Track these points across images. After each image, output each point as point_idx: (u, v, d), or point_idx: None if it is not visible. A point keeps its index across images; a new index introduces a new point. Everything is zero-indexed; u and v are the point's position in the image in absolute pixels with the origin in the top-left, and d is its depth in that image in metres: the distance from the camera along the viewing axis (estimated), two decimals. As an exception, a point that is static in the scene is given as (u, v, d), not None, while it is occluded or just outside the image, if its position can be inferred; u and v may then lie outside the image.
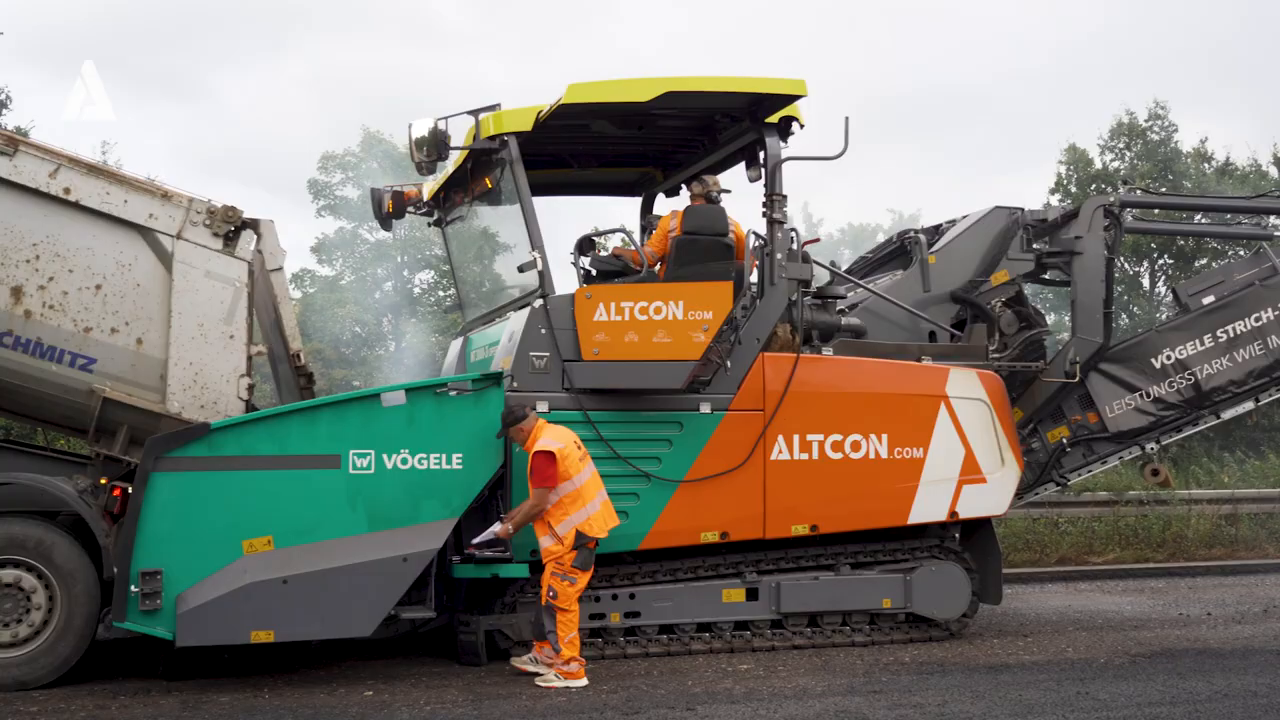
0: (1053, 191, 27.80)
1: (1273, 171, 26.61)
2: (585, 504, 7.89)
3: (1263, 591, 12.75)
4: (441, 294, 28.53)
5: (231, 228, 7.92)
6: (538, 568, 8.26)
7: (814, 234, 30.54)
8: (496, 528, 7.95)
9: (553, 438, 7.87)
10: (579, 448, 7.99)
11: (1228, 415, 10.35)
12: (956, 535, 9.71)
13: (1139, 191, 11.08)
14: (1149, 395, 10.17)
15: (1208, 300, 10.26)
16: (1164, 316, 21.32)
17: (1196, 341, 10.14)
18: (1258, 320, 10.06)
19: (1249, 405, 10.25)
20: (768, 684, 7.86)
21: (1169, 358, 10.16)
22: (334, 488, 7.76)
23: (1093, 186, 26.53)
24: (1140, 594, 12.62)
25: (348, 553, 7.70)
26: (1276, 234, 10.67)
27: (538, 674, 7.91)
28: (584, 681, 7.79)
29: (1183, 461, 20.45)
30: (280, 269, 8.74)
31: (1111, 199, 10.28)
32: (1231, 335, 10.07)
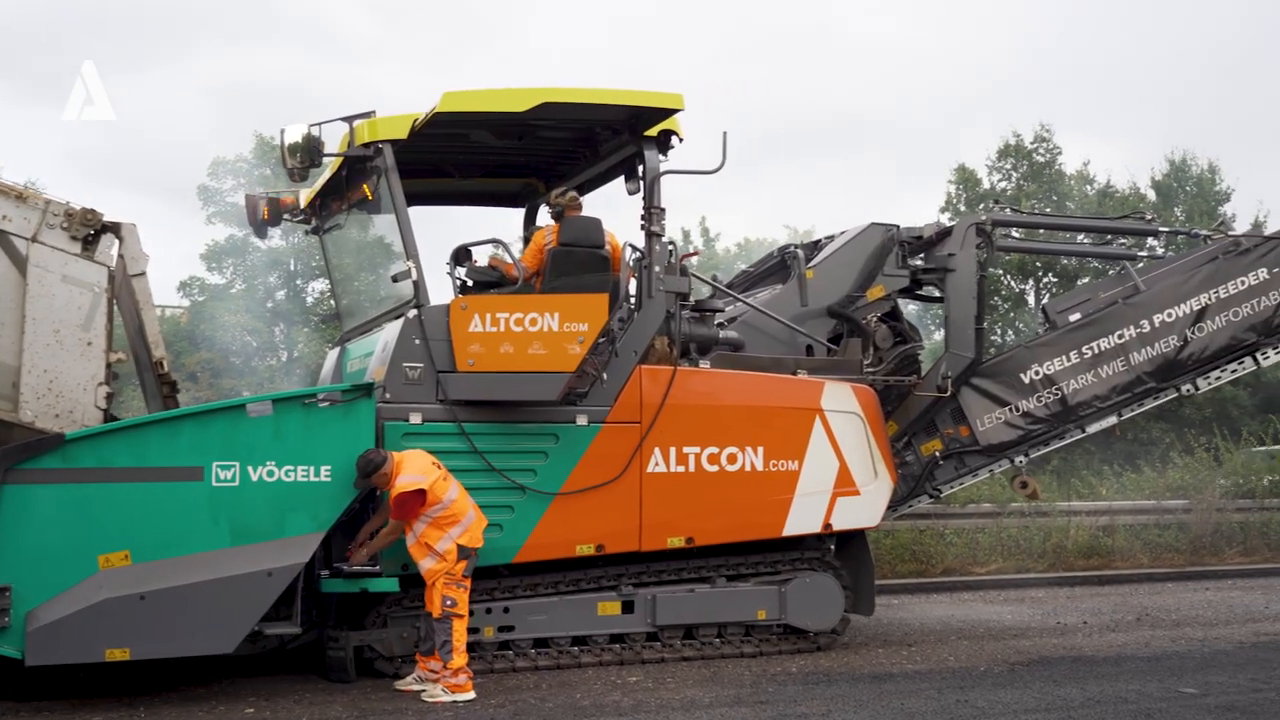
0: (943, 210, 28.45)
1: (1151, 195, 27.57)
2: (461, 519, 7.85)
3: (1136, 600, 13.14)
4: (358, 304, 27.97)
5: (91, 231, 7.68)
6: (408, 582, 8.16)
7: (710, 248, 30.76)
8: (355, 554, 7.99)
9: (414, 471, 7.77)
10: (439, 467, 7.93)
11: (1092, 429, 10.61)
12: (831, 547, 9.84)
13: (1009, 210, 11.32)
14: (1018, 409, 10.41)
15: (1074, 318, 10.55)
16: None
17: (1063, 358, 10.40)
18: (1120, 338, 10.36)
19: (1112, 420, 10.52)
20: (656, 696, 7.87)
21: (1037, 373, 10.42)
22: (196, 501, 7.56)
23: (981, 206, 27.18)
24: (1021, 603, 12.92)
25: (209, 568, 7.50)
26: (1140, 254, 11.00)
27: (422, 691, 7.82)
28: (471, 694, 7.73)
29: (1063, 474, 21.03)
30: (143, 274, 8.48)
31: (983, 218, 10.53)
32: (1096, 352, 10.37)
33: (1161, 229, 10.97)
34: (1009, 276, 26.55)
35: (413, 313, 8.36)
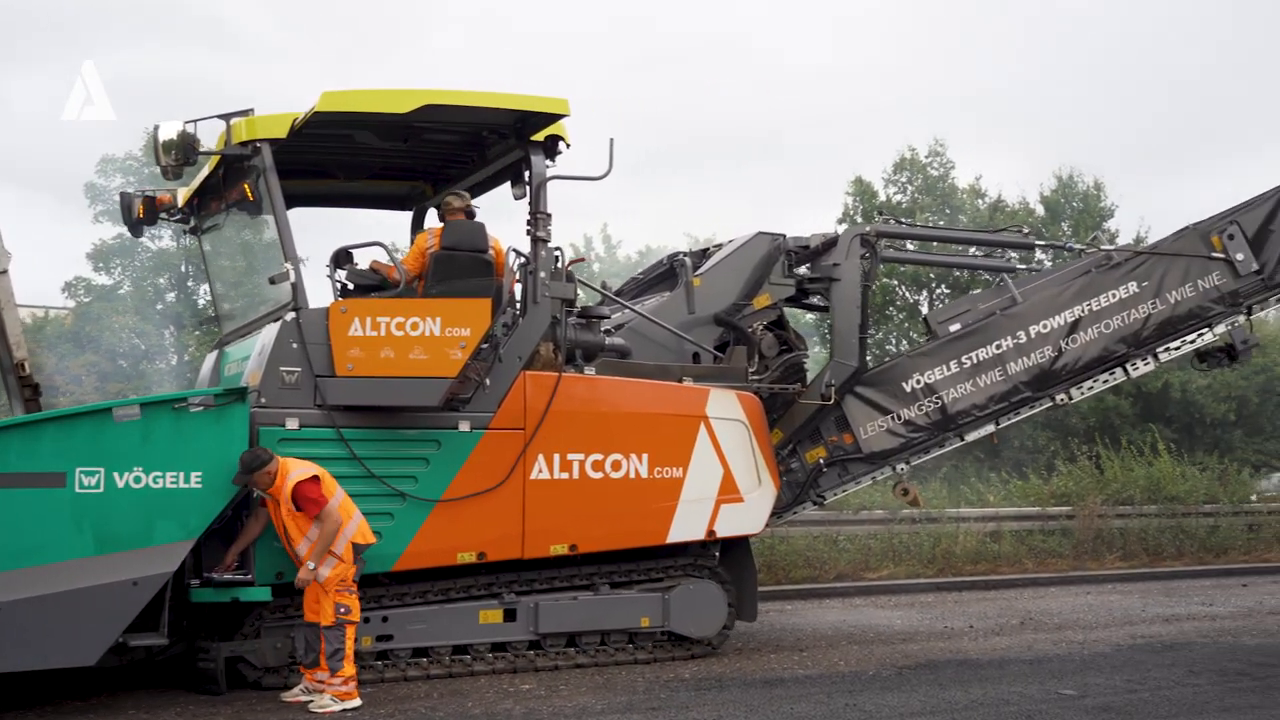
0: (840, 221, 28.83)
1: (1039, 210, 28.30)
2: (353, 516, 7.77)
3: (1021, 604, 13.43)
4: (237, 307, 27.31)
5: (-53, 228, 7.38)
6: (281, 591, 7.99)
7: (612, 255, 30.79)
8: (302, 574, 7.69)
9: (301, 466, 7.68)
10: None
11: (971, 437, 10.83)
12: (716, 554, 9.88)
13: (893, 222, 11.51)
14: (900, 418, 10.57)
15: (955, 328, 10.73)
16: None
17: (944, 367, 10.58)
18: (998, 348, 10.57)
19: (990, 428, 10.74)
20: (549, 703, 7.84)
21: (919, 382, 10.58)
22: (58, 508, 7.31)
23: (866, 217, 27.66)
24: (910, 608, 13.11)
25: (72, 577, 7.25)
26: (1019, 267, 11.26)
27: (309, 701, 7.67)
28: (358, 701, 7.63)
29: (953, 481, 21.46)
30: (5, 272, 8.19)
31: (868, 228, 10.68)
32: (975, 362, 10.56)
33: (1037, 242, 11.25)
34: (903, 287, 27.02)
35: (290, 316, 8.20)
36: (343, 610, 7.66)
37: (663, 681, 8.59)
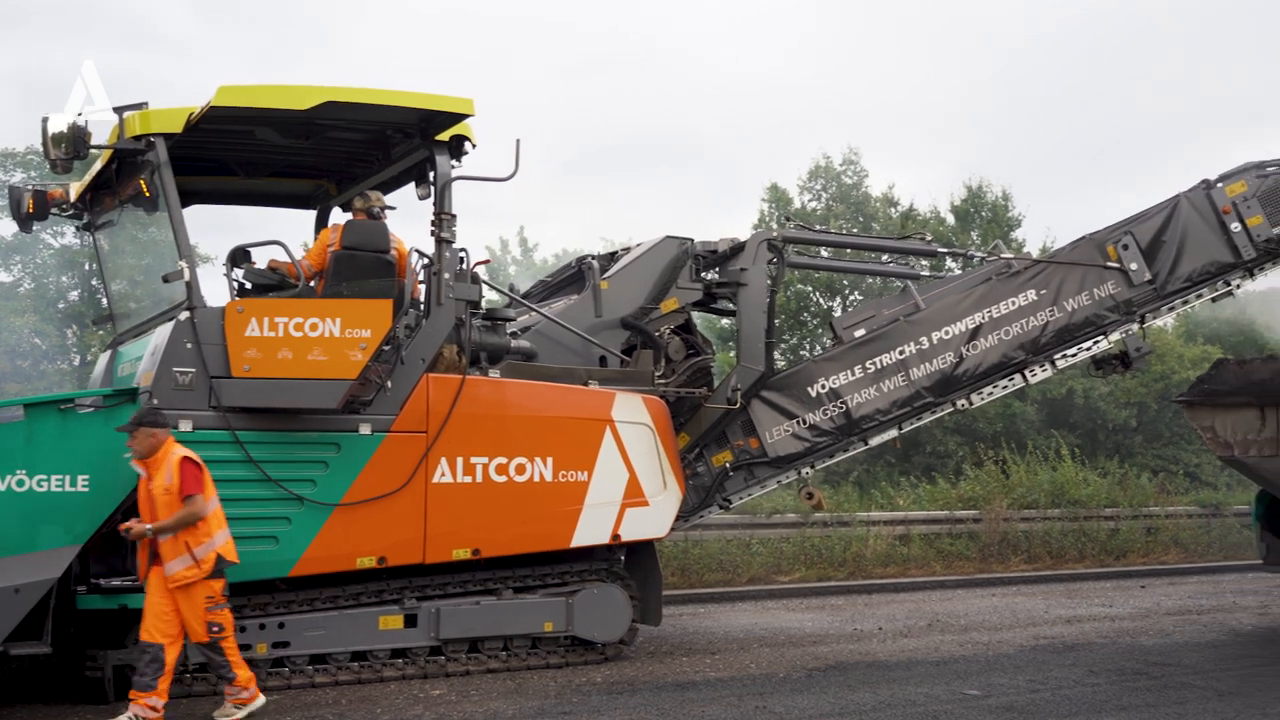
0: (755, 227, 29.05)
1: (950, 219, 28.78)
2: (224, 527, 7.50)
3: (929, 606, 13.60)
4: (133, 305, 26.65)
5: None
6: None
7: (529, 258, 30.63)
8: (136, 527, 7.21)
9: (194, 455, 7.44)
10: None
11: (874, 442, 10.94)
12: (621, 558, 9.86)
13: (799, 228, 11.60)
14: (805, 422, 10.65)
15: (859, 333, 10.84)
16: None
17: (848, 372, 10.68)
18: (901, 354, 10.70)
19: (893, 433, 10.86)
20: (459, 709, 7.76)
21: (824, 386, 10.67)
22: (-64, 512, 7.06)
23: (774, 222, 27.88)
24: (821, 610, 13.20)
25: (-52, 583, 7.02)
26: (924, 274, 11.41)
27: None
28: (263, 699, 7.49)
29: (865, 485, 21.70)
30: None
31: (775, 234, 10.75)
32: (878, 367, 10.68)
33: (939, 249, 11.41)
34: (817, 294, 27.25)
35: (185, 315, 8.01)
36: (216, 629, 7.28)
37: (574, 686, 8.56)
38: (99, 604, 7.67)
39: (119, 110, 8.14)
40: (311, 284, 8.62)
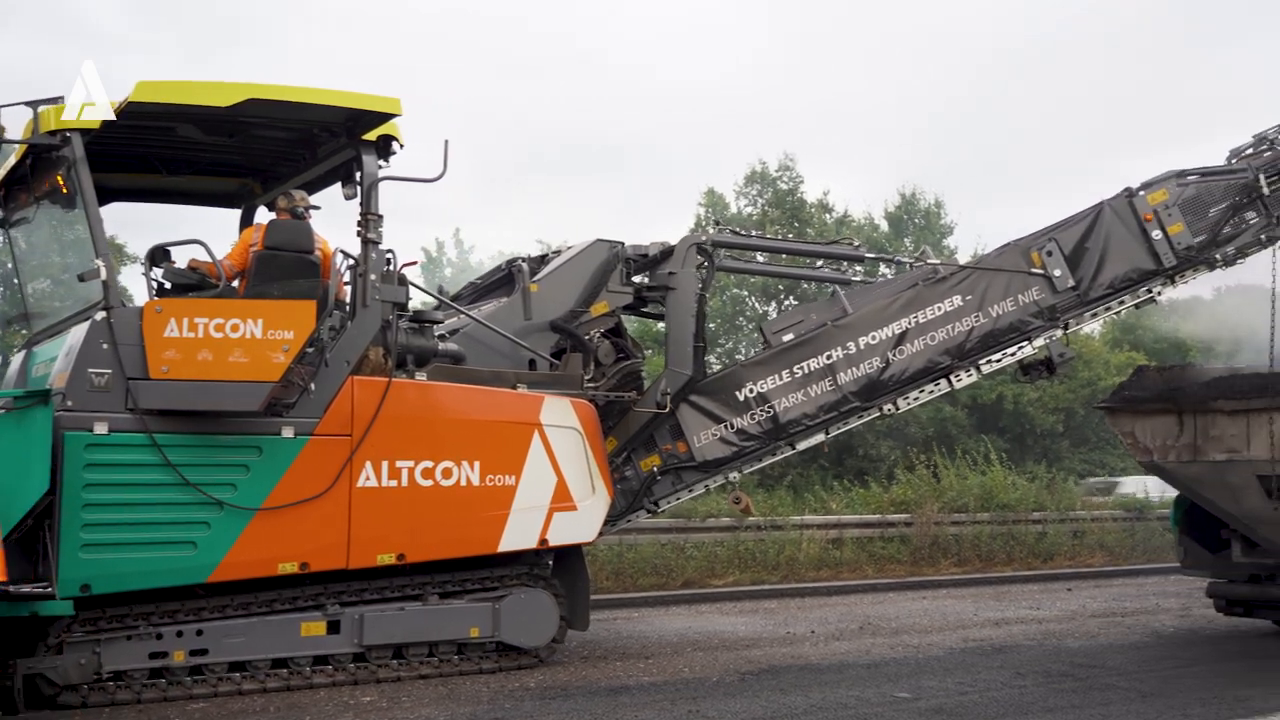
0: (692, 231, 29.15)
1: (883, 225, 29.12)
2: None
3: (861, 609, 13.68)
4: (49, 305, 26.04)
5: None
6: (84, 604, 7.60)
7: (465, 259, 30.47)
8: None
9: None
10: None
11: (802, 446, 10.96)
12: (550, 563, 9.80)
13: (729, 232, 11.63)
14: (733, 426, 10.66)
15: (787, 338, 10.86)
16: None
17: (776, 376, 10.71)
18: (829, 358, 10.75)
19: (820, 437, 10.90)
20: (390, 715, 7.66)
21: (751, 391, 10.69)
22: None
23: (703, 227, 28.01)
24: (755, 614, 13.23)
25: None
26: (855, 279, 11.49)
27: None
28: None
29: (799, 489, 21.83)
30: None
31: (704, 238, 10.76)
32: (806, 371, 10.72)
33: (867, 255, 11.50)
34: (753, 298, 27.43)
35: (101, 315, 7.83)
36: None
37: (507, 691, 8.48)
38: (7, 611, 7.44)
39: (34, 104, 7.95)
40: (233, 284, 8.47)
